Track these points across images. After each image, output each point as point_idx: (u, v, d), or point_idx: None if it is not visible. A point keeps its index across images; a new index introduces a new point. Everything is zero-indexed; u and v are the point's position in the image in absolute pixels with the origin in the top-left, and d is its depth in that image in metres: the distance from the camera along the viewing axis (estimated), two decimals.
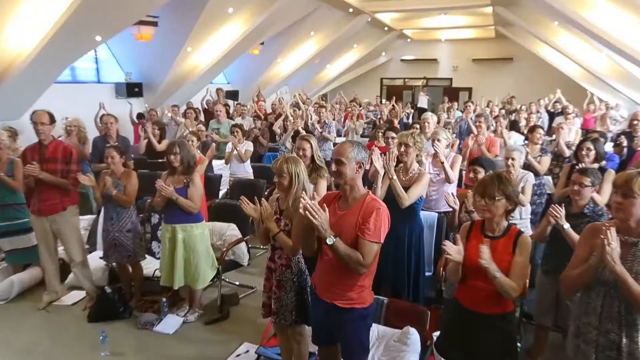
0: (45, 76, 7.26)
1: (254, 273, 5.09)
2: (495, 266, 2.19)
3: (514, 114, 9.96)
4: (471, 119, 7.66)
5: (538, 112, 9.70)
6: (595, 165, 3.90)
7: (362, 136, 9.22)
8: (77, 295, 4.63)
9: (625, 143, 5.64)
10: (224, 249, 4.46)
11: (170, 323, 4.09)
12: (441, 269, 3.81)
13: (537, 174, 4.73)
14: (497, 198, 2.34)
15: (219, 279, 4.35)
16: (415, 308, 3.42)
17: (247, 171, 6.34)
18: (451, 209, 3.65)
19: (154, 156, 6.46)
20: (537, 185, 4.61)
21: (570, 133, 7.46)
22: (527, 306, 3.63)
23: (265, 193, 5.31)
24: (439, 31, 17.37)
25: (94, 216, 5.61)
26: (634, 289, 1.91)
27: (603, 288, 2.07)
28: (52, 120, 4.29)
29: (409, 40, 18.66)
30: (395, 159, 3.76)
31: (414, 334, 3.22)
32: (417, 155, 3.70)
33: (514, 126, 8.32)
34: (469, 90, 18.42)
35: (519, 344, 2.92)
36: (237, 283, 4.85)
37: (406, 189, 3.50)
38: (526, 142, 5.49)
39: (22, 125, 6.53)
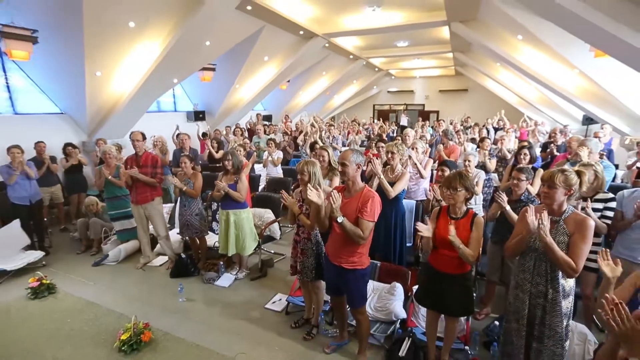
0: (140, 107, 7.27)
1: (284, 244, 5.07)
2: (459, 240, 2.18)
3: (469, 129, 9.80)
4: (441, 131, 7.53)
5: (486, 128, 9.53)
6: (530, 166, 3.81)
7: (360, 146, 9.12)
8: (162, 259, 4.65)
9: (555, 150, 5.54)
10: (263, 227, 4.46)
11: (226, 279, 4.10)
12: (418, 241, 3.77)
13: (487, 171, 4.63)
14: (458, 189, 2.31)
15: (259, 248, 4.33)
16: (400, 269, 3.39)
17: (278, 172, 6.32)
18: (425, 198, 3.61)
19: (213, 162, 6.47)
20: (486, 180, 4.50)
21: (510, 142, 7.30)
22: (480, 267, 3.58)
23: (292, 187, 5.29)
24: (414, 70, 17.12)
25: (172, 204, 5.64)
26: (559, 254, 1.92)
27: (534, 253, 2.08)
28: (144, 138, 4.34)
29: (392, 77, 18.40)
30: (383, 163, 3.73)
31: (399, 288, 3.20)
32: (400, 159, 3.65)
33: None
34: (437, 112, 18.09)
35: (474, 295, 2.89)
36: (272, 251, 4.83)
37: (392, 183, 3.46)
38: (478, 149, 5.39)
39: (124, 141, 6.62)
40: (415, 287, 3.18)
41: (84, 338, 3.11)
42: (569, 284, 2.04)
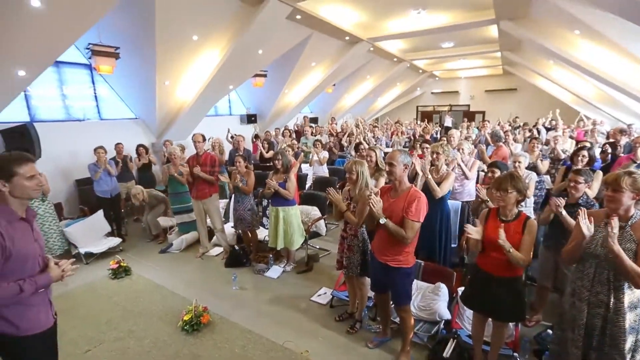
0: (200, 112, 7.72)
1: (329, 240, 5.09)
2: (509, 244, 2.04)
3: (517, 130, 9.12)
4: (487, 132, 7.10)
5: (536, 128, 8.79)
6: (587, 168, 3.46)
7: (403, 147, 8.90)
8: (218, 250, 4.86)
9: (609, 150, 4.95)
10: (310, 224, 4.50)
11: (275, 271, 4.19)
12: (463, 242, 3.59)
13: (538, 173, 4.27)
14: (509, 191, 2.16)
15: (306, 243, 4.38)
16: (445, 269, 3.25)
17: (324, 171, 6.35)
18: (471, 199, 3.43)
19: (264, 161, 6.68)
20: (538, 182, 4.16)
21: (565, 143, 6.68)
22: (531, 272, 3.31)
23: (337, 186, 5.27)
24: (459, 71, 16.29)
25: (227, 200, 5.85)
26: (627, 262, 1.70)
27: (595, 260, 1.88)
28: (204, 139, 4.57)
29: (437, 78, 17.65)
30: (430, 163, 3.60)
31: (443, 288, 3.07)
32: (445, 160, 3.49)
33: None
34: (483, 113, 17.06)
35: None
36: (317, 247, 4.86)
37: (438, 184, 3.33)
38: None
39: (187, 143, 7.08)
40: (460, 289, 3.04)
41: (153, 315, 3.38)
42: (636, 294, 1.82)
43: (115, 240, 5.02)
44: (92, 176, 5.12)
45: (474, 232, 2.18)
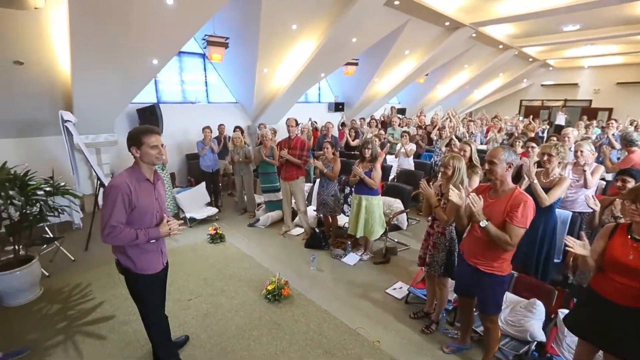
0: (292, 98, 8.16)
1: (408, 235, 4.96)
2: None
3: None
4: (613, 134, 5.92)
5: None
6: None
7: (500, 144, 8.00)
8: (299, 230, 5.12)
9: None
10: (391, 216, 4.43)
11: (352, 258, 4.25)
12: (570, 259, 3.11)
13: None
14: None
15: (386, 235, 4.32)
16: (544, 285, 2.86)
17: (410, 164, 6.14)
18: (590, 210, 2.92)
19: (349, 149, 6.75)
20: None
21: None
22: None
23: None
24: (583, 59, 13.74)
25: (311, 184, 6.06)
26: None
27: None
28: (297, 124, 4.81)
29: (550, 68, 15.23)
30: (536, 165, 3.17)
31: (540, 306, 2.72)
32: (558, 163, 3.04)
33: None
34: (609, 110, 14.20)
35: None
36: (396, 240, 4.77)
37: (546, 190, 2.92)
38: None
39: (278, 126, 7.58)
40: (562, 311, 2.66)
41: (241, 280, 3.77)
42: None
43: (213, 210, 5.69)
44: (199, 152, 5.87)
45: (579, 246, 1.87)
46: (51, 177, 3.65)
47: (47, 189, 3.43)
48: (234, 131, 7.04)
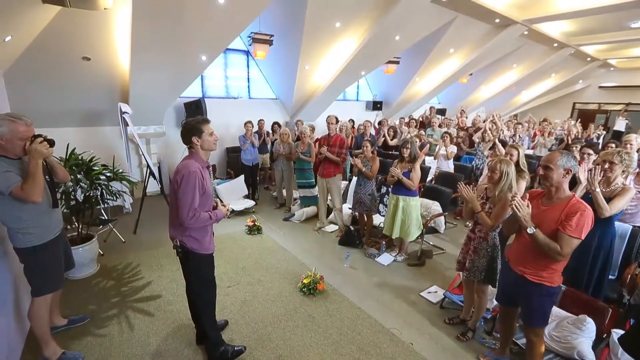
0: (331, 96, 8.21)
1: (445, 239, 4.85)
2: None
3: None
4: None
5: None
6: None
7: (548, 150, 7.55)
8: (333, 227, 5.17)
9: None
10: (428, 218, 4.36)
11: (386, 258, 4.24)
12: (628, 276, 2.91)
13: None
14: None
15: (422, 237, 4.27)
16: (596, 302, 2.69)
17: (449, 167, 5.97)
18: None
19: (386, 148, 6.69)
20: None
21: None
22: None
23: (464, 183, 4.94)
24: None
25: (347, 182, 6.08)
26: None
27: None
28: (337, 121, 4.86)
29: (611, 68, 14.00)
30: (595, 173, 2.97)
31: (590, 323, 2.57)
32: (622, 172, 2.84)
33: None
34: None
35: None
36: (431, 243, 4.69)
37: (606, 200, 2.74)
38: None
39: (316, 123, 7.68)
40: (616, 331, 2.50)
41: (277, 272, 3.90)
42: None
43: (251, 203, 5.91)
44: (241, 146, 6.10)
45: None
46: (107, 165, 3.98)
47: (108, 174, 3.76)
48: (272, 127, 7.29)
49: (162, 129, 6.44)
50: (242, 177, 6.20)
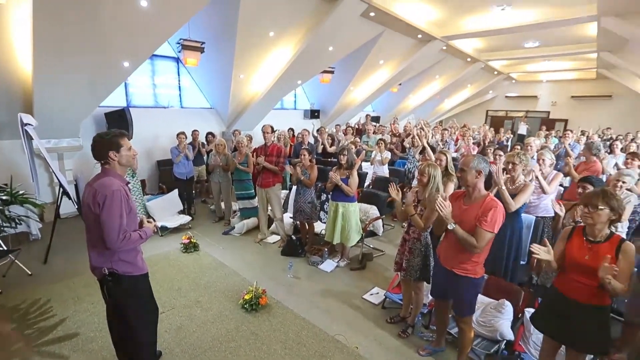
0: (268, 105, 8.14)
1: (384, 241, 5.05)
2: (610, 273, 1.76)
3: (609, 142, 8.04)
4: (569, 144, 6.39)
5: (634, 141, 7.63)
6: None
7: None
8: (275, 237, 5.08)
9: None
10: (367, 222, 4.50)
11: (329, 265, 4.27)
12: (534, 261, 3.31)
13: None
14: (600, 207, 1.93)
15: (362, 242, 4.38)
16: (512, 286, 3.02)
17: (384, 171, 6.27)
18: (552, 214, 3.13)
19: (326, 156, 6.80)
20: (637, 205, 3.65)
21: None
22: (616, 304, 2.94)
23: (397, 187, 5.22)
24: (541, 74, 14.83)
25: (287, 191, 6.03)
26: None
27: None
28: (273, 130, 4.79)
29: (513, 81, 16.28)
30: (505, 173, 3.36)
31: (508, 306, 2.87)
32: (522, 170, 3.25)
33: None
34: (565, 121, 15.35)
35: None
36: (372, 246, 4.84)
37: (512, 196, 3.10)
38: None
39: (254, 133, 7.52)
40: (528, 310, 2.82)
41: (216, 290, 3.68)
42: None
43: (186, 218, 5.53)
44: (174, 159, 5.70)
45: (543, 252, 2.02)
46: (6, 185, 3.41)
47: (4, 197, 3.20)
48: (206, 138, 6.95)
49: (79, 142, 5.73)
50: (175, 191, 5.79)
